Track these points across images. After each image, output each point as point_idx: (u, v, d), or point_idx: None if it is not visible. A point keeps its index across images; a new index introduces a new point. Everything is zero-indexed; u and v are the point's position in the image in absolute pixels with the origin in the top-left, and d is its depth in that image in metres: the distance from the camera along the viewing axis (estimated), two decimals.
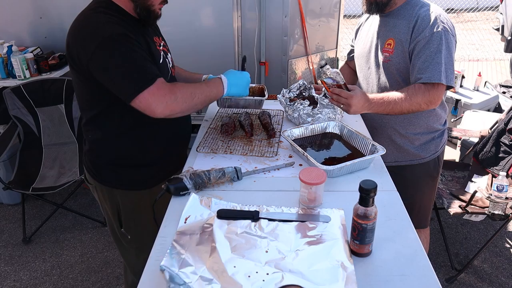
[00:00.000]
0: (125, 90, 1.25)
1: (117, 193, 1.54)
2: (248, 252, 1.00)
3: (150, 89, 1.23)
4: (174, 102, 1.27)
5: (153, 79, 1.25)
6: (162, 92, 1.25)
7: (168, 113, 1.28)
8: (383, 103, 1.55)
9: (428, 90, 1.54)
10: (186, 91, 1.32)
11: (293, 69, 3.03)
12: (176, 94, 1.28)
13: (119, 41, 1.24)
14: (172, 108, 1.28)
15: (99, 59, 1.24)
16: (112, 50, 1.23)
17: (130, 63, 1.24)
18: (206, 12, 2.90)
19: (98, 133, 1.47)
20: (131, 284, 1.81)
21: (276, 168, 1.41)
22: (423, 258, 1.00)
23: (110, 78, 1.26)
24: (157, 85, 1.24)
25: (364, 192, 0.95)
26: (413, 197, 1.84)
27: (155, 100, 1.24)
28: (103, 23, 1.26)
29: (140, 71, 1.24)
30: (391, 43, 1.66)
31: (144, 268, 0.99)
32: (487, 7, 8.55)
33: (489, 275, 2.39)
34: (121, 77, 1.25)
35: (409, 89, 1.56)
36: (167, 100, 1.25)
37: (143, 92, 1.22)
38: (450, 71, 1.56)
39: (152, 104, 1.24)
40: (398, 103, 1.54)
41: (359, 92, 1.51)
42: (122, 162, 1.50)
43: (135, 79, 1.24)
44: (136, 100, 1.24)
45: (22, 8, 3.12)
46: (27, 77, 2.95)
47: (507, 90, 3.95)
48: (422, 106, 1.56)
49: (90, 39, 1.24)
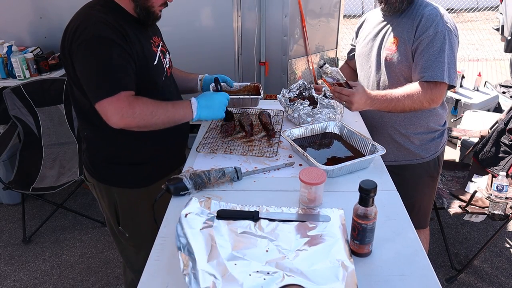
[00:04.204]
0: (90, 93, 1.30)
1: (115, 191, 1.55)
2: (248, 251, 1.00)
3: (109, 98, 1.26)
4: (130, 117, 1.28)
5: (116, 90, 1.26)
6: (121, 105, 1.27)
7: (122, 125, 1.29)
8: (385, 100, 1.55)
9: (430, 89, 1.55)
10: (147, 109, 1.31)
11: (293, 69, 3.03)
12: (134, 109, 1.29)
13: (99, 45, 1.27)
14: (127, 122, 1.29)
15: (78, 57, 1.29)
16: (90, 51, 1.27)
17: (101, 69, 1.27)
18: (206, 12, 2.90)
19: (93, 130, 1.47)
20: (131, 282, 1.82)
21: (276, 168, 1.41)
22: (423, 258, 1.00)
23: (82, 77, 1.31)
24: (118, 97, 1.26)
25: (364, 192, 0.95)
26: (413, 197, 1.84)
27: (111, 110, 1.26)
28: (93, 23, 1.28)
29: (107, 79, 1.27)
30: (395, 41, 1.66)
31: (144, 268, 0.99)
32: (487, 7, 8.55)
33: (489, 275, 2.39)
34: (90, 80, 1.29)
35: (412, 87, 1.56)
36: (123, 112, 1.27)
37: (103, 99, 1.26)
38: (452, 70, 1.57)
39: (108, 113, 1.27)
40: (401, 100, 1.54)
41: (361, 89, 1.51)
42: (119, 160, 1.51)
43: (100, 85, 1.27)
44: (97, 105, 1.28)
45: (22, 8, 3.12)
46: (27, 77, 2.95)
47: (507, 90, 3.95)
48: (424, 105, 1.56)
49: (77, 36, 1.27)
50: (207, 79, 1.76)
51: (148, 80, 1.41)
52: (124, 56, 1.30)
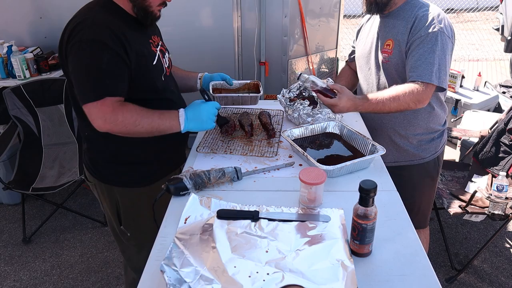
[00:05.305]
0: (79, 94, 1.32)
1: (116, 191, 1.55)
2: (248, 252, 1.00)
3: (95, 103, 1.28)
4: (113, 123, 1.30)
5: (101, 96, 1.28)
6: (105, 110, 1.29)
7: (105, 130, 1.32)
8: (370, 104, 1.54)
9: (417, 89, 1.52)
10: (131, 117, 1.32)
11: (293, 69, 3.03)
12: (117, 116, 1.29)
13: (91, 49, 1.27)
14: (109, 128, 1.31)
15: (70, 58, 1.30)
16: (82, 54, 1.28)
17: (90, 73, 1.28)
18: (206, 12, 2.90)
19: (94, 130, 1.47)
20: (132, 282, 1.82)
21: (276, 168, 1.41)
22: (423, 258, 1.00)
23: (73, 78, 1.32)
24: (102, 102, 1.28)
25: (364, 192, 0.95)
26: (413, 197, 1.84)
27: (95, 113, 1.29)
28: (89, 25, 1.28)
29: (94, 84, 1.29)
30: (390, 43, 1.66)
31: (145, 268, 0.99)
32: (487, 7, 8.54)
33: (489, 275, 2.39)
34: (79, 82, 1.31)
35: (398, 88, 1.55)
36: (106, 118, 1.29)
37: (89, 103, 1.28)
38: (443, 72, 1.54)
39: (92, 116, 1.30)
40: (386, 103, 1.53)
41: (345, 96, 1.52)
42: (120, 160, 1.51)
43: (87, 89, 1.29)
44: (84, 107, 1.30)
45: (22, 8, 3.12)
46: (27, 77, 2.96)
47: (507, 90, 3.95)
48: (410, 105, 1.54)
49: (72, 37, 1.28)
50: (207, 77, 1.77)
51: (148, 80, 1.41)
52: (116, 61, 1.30)
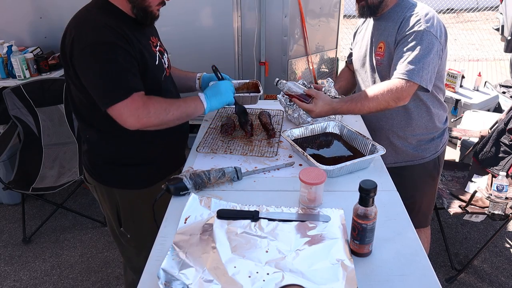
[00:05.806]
0: (101, 98, 1.29)
1: (116, 192, 1.55)
2: (248, 252, 1.00)
3: (124, 101, 1.26)
4: (146, 117, 1.29)
5: (129, 92, 1.26)
6: (136, 105, 1.27)
7: (139, 126, 1.30)
8: (348, 106, 1.54)
9: (396, 87, 1.50)
10: (161, 106, 1.32)
11: (293, 69, 3.03)
12: (149, 108, 1.29)
13: (103, 50, 1.26)
14: (143, 122, 1.30)
15: (82, 64, 1.28)
16: (94, 57, 1.26)
17: (108, 74, 1.27)
18: (206, 12, 2.90)
19: (94, 132, 1.47)
20: (131, 282, 1.81)
21: (276, 168, 1.41)
22: (423, 258, 1.00)
23: (89, 83, 1.30)
24: (131, 98, 1.27)
25: (364, 192, 0.95)
26: (413, 197, 1.84)
27: (127, 112, 1.27)
28: (92, 28, 1.28)
29: (117, 83, 1.27)
30: (382, 46, 1.67)
31: (144, 268, 0.99)
32: (487, 7, 8.54)
33: (489, 275, 2.39)
34: (98, 86, 1.28)
35: (377, 87, 1.54)
36: (139, 113, 1.28)
37: (117, 103, 1.26)
38: (425, 71, 1.51)
39: (124, 115, 1.27)
40: (365, 104, 1.52)
41: (321, 101, 1.52)
42: (120, 161, 1.51)
43: (111, 89, 1.27)
44: (110, 110, 1.28)
45: (22, 8, 3.12)
46: (27, 77, 2.95)
47: (507, 90, 3.95)
48: (390, 104, 1.52)
49: (77, 42, 1.26)
50: (206, 77, 1.76)
51: (150, 80, 1.41)
52: (128, 58, 1.30)
